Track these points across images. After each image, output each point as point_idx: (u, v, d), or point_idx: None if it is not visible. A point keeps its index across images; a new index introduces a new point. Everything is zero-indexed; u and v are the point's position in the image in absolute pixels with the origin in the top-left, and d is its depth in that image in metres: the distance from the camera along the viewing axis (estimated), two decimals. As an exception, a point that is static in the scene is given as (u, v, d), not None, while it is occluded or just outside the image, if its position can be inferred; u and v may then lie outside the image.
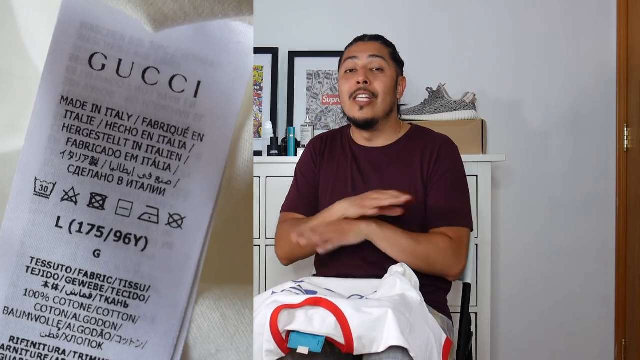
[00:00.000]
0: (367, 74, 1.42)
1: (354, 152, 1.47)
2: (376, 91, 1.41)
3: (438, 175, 1.39)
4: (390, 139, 1.46)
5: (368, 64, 1.42)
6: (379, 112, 1.42)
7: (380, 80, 1.42)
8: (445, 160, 1.41)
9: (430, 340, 1.09)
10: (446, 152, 1.42)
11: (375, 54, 1.43)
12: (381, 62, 1.43)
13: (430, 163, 1.40)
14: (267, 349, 1.06)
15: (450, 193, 1.39)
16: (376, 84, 1.41)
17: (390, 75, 1.44)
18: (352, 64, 1.44)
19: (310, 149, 1.53)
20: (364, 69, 1.42)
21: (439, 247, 1.32)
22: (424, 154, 1.42)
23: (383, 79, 1.42)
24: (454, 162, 1.42)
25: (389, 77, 1.43)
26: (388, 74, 1.43)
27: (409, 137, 1.47)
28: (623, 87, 2.10)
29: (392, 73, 1.45)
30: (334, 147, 1.50)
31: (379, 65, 1.42)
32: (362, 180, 1.42)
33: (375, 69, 1.43)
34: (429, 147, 1.43)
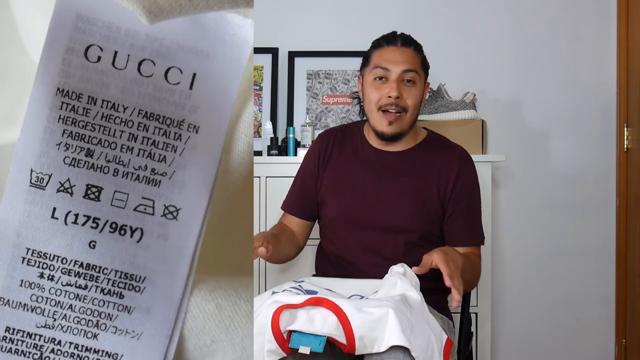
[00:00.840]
0: (400, 87, 1.35)
1: (368, 153, 1.43)
2: (407, 106, 1.36)
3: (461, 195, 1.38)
4: (407, 145, 1.43)
5: (401, 77, 1.36)
6: (405, 127, 1.39)
7: (412, 94, 1.36)
8: (468, 180, 1.40)
9: (431, 340, 1.09)
10: (468, 170, 1.42)
11: (409, 67, 1.36)
12: (414, 76, 1.37)
13: (450, 179, 1.38)
14: (269, 349, 1.06)
15: (473, 212, 1.41)
16: (408, 99, 1.36)
17: (420, 88, 1.39)
18: (383, 73, 1.37)
19: (316, 146, 1.49)
20: (397, 82, 1.35)
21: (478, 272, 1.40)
22: (442, 167, 1.40)
23: (415, 93, 1.37)
24: (475, 181, 1.43)
25: (420, 90, 1.39)
26: (419, 86, 1.38)
27: (426, 146, 1.44)
28: (623, 87, 2.10)
29: (422, 85, 1.40)
30: (344, 144, 1.46)
31: (412, 78, 1.37)
32: (374, 184, 1.40)
33: (407, 81, 1.37)
34: (447, 161, 1.41)
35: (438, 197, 1.38)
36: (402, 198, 1.38)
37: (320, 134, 1.53)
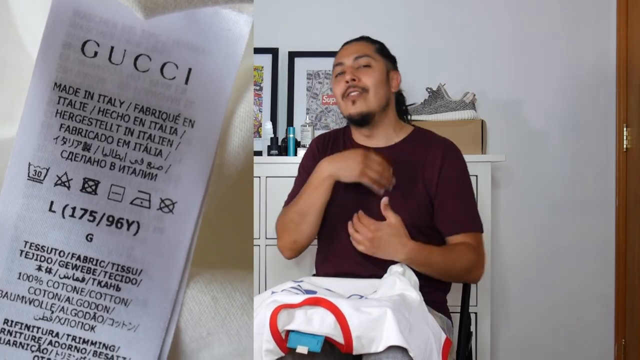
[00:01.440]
0: (354, 72, 1.42)
1: None
2: (366, 86, 1.41)
3: (447, 182, 1.39)
4: (391, 139, 1.46)
5: (354, 65, 1.43)
6: (372, 106, 1.42)
7: (369, 74, 1.42)
8: (453, 167, 1.40)
9: (430, 340, 1.09)
10: (452, 158, 1.42)
11: (360, 54, 1.43)
12: (367, 60, 1.43)
13: (434, 169, 1.39)
14: (267, 349, 1.06)
15: (463, 199, 1.40)
16: (365, 79, 1.41)
17: (378, 69, 1.43)
18: (340, 69, 1.44)
19: (313, 146, 1.54)
20: (351, 68, 1.42)
21: (467, 259, 1.35)
22: (427, 158, 1.41)
23: (372, 73, 1.42)
24: (461, 168, 1.43)
25: (378, 71, 1.43)
26: (376, 67, 1.43)
27: (411, 139, 1.46)
28: (623, 87, 2.10)
29: (381, 66, 1.45)
30: (336, 145, 1.50)
31: (366, 63, 1.43)
32: None
33: (362, 67, 1.43)
34: (433, 151, 1.42)
35: (425, 189, 1.39)
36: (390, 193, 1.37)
37: (316, 137, 1.58)
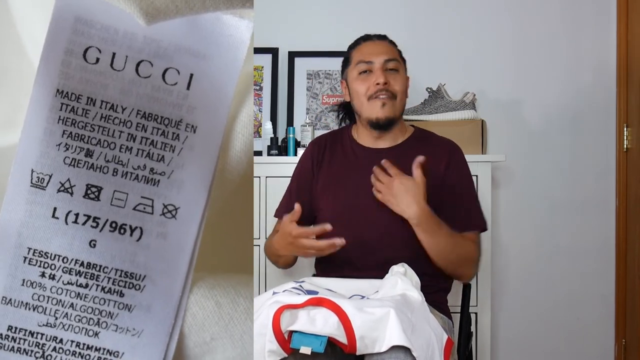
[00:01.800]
0: (386, 74, 1.41)
1: (357, 153, 1.46)
2: (395, 91, 1.42)
3: (451, 184, 1.40)
4: (395, 141, 1.46)
5: (384, 67, 1.42)
6: (397, 112, 1.44)
7: (398, 81, 1.43)
8: (458, 167, 1.42)
9: (432, 340, 1.10)
10: (457, 158, 1.43)
11: (390, 57, 1.43)
12: (396, 64, 1.44)
13: (440, 168, 1.40)
14: (270, 349, 1.06)
15: (467, 199, 1.41)
16: (395, 85, 1.42)
17: (404, 75, 1.46)
18: (367, 67, 1.43)
19: (308, 153, 1.53)
20: (382, 70, 1.41)
21: (470, 251, 1.37)
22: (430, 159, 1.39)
23: (400, 79, 1.43)
24: (465, 168, 1.44)
25: (403, 77, 1.46)
26: (402, 74, 1.45)
27: (414, 140, 1.47)
28: (623, 87, 2.10)
29: (404, 73, 1.47)
30: (335, 148, 1.50)
31: (395, 67, 1.43)
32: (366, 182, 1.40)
33: (391, 70, 1.43)
34: (438, 151, 1.43)
35: (429, 188, 1.38)
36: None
37: (311, 142, 1.58)
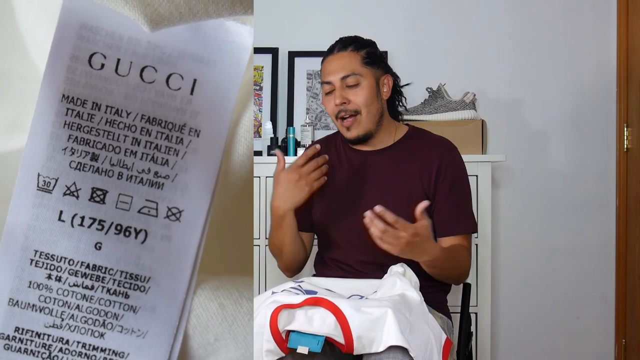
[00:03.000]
0: (343, 93, 1.38)
1: (349, 156, 1.45)
2: (357, 107, 1.38)
3: (445, 183, 1.39)
4: (386, 141, 1.44)
5: (342, 85, 1.38)
6: (367, 126, 1.40)
7: (359, 95, 1.37)
8: (450, 167, 1.40)
9: (430, 340, 1.10)
10: (450, 158, 1.41)
11: (347, 72, 1.38)
12: (355, 79, 1.38)
13: (432, 169, 1.39)
14: (267, 349, 1.06)
15: (459, 200, 1.40)
16: (355, 99, 1.38)
17: (368, 85, 1.39)
18: (328, 87, 1.41)
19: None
20: (340, 89, 1.38)
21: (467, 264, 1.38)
22: (424, 159, 1.40)
23: (361, 92, 1.38)
24: (459, 168, 1.42)
25: (367, 88, 1.39)
26: (365, 84, 1.38)
27: (407, 139, 1.45)
28: (623, 87, 2.10)
29: (370, 81, 1.40)
30: (329, 152, 1.48)
31: (354, 82, 1.38)
32: (359, 184, 1.41)
33: (350, 86, 1.38)
34: (429, 150, 1.41)
35: (423, 189, 1.38)
36: (387, 194, 1.38)
37: (306, 148, 1.58)
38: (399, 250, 1.21)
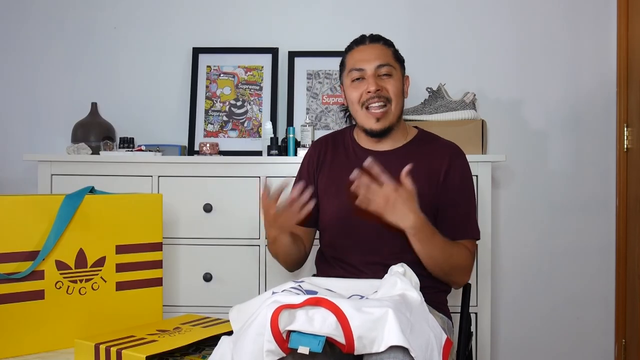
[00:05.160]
0: (378, 80, 1.39)
1: (358, 155, 1.45)
2: (389, 96, 1.40)
3: (453, 190, 1.39)
4: (397, 143, 1.45)
5: (376, 73, 1.40)
6: (393, 119, 1.42)
7: (391, 84, 1.40)
8: (458, 174, 1.41)
9: (431, 340, 1.09)
10: (458, 164, 1.42)
11: (382, 62, 1.40)
12: (389, 69, 1.41)
13: (440, 174, 1.39)
14: (268, 349, 1.06)
15: (466, 206, 1.41)
16: (389, 88, 1.40)
17: (398, 78, 1.43)
18: (359, 74, 1.41)
19: (310, 154, 1.52)
20: (373, 77, 1.39)
21: (464, 259, 1.37)
22: (432, 163, 1.40)
23: (394, 83, 1.41)
24: (466, 175, 1.43)
25: (398, 80, 1.43)
26: (396, 77, 1.42)
27: (416, 143, 1.45)
28: (623, 87, 2.10)
29: (399, 75, 1.44)
30: (336, 150, 1.48)
31: (388, 72, 1.40)
32: None
33: (383, 75, 1.40)
34: (438, 155, 1.42)
35: (430, 193, 1.39)
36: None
37: (313, 143, 1.57)
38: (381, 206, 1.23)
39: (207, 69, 2.18)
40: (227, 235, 1.88)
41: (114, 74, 2.24)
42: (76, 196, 1.45)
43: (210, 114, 2.16)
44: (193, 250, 1.89)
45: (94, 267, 1.47)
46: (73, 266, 1.44)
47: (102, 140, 2.05)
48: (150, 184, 1.89)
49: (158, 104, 2.22)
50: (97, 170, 1.90)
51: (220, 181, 1.89)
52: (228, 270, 1.88)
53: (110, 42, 2.24)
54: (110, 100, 2.22)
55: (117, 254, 1.50)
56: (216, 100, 2.16)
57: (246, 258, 1.88)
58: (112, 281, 1.49)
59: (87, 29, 2.24)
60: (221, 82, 2.17)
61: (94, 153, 2.00)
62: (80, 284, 1.45)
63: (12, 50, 2.26)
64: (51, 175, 1.91)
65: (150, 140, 2.14)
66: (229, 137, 2.14)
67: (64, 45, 2.25)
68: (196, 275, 1.89)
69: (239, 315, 1.22)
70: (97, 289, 1.47)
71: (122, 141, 2.05)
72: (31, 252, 1.39)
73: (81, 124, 2.11)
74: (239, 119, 2.15)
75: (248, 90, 2.16)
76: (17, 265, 1.37)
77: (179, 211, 1.87)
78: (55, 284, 1.42)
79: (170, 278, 1.86)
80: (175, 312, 1.83)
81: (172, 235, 1.87)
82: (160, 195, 1.59)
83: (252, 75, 2.17)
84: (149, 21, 2.23)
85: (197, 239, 1.89)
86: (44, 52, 2.25)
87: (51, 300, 1.41)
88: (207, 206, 1.88)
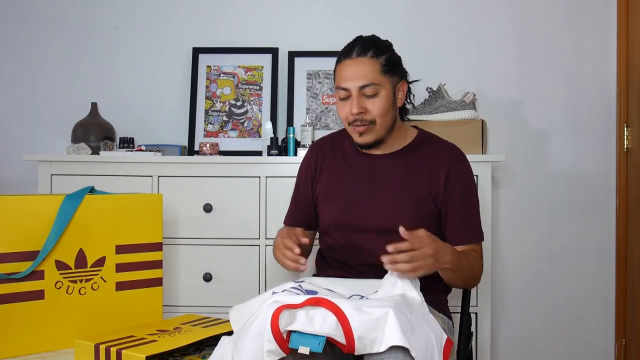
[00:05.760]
0: (361, 102, 1.33)
1: (358, 158, 1.44)
2: (373, 118, 1.35)
3: (455, 194, 1.38)
4: (396, 146, 1.43)
5: (360, 93, 1.34)
6: (380, 134, 1.37)
7: (376, 105, 1.34)
8: (459, 178, 1.39)
9: (431, 340, 1.09)
10: (458, 167, 1.40)
11: (366, 82, 1.33)
12: (373, 89, 1.33)
13: (440, 178, 1.37)
14: (268, 349, 1.05)
15: (470, 211, 1.40)
16: (372, 110, 1.34)
17: (385, 95, 1.35)
18: (344, 94, 1.36)
19: (309, 157, 1.51)
20: (357, 98, 1.33)
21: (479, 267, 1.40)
22: (432, 166, 1.39)
23: (378, 102, 1.34)
24: (467, 178, 1.41)
25: (385, 98, 1.35)
26: (383, 95, 1.34)
27: (416, 146, 1.43)
28: (623, 87, 2.10)
29: (388, 90, 1.36)
30: (335, 152, 1.47)
31: (372, 92, 1.34)
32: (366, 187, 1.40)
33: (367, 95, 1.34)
34: (438, 157, 1.40)
35: (431, 196, 1.38)
36: (393, 199, 1.37)
37: (311, 145, 1.55)
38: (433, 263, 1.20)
39: (207, 69, 2.18)
40: (227, 235, 1.88)
41: (113, 74, 2.24)
42: (76, 196, 1.45)
43: (210, 114, 2.16)
44: (193, 250, 1.89)
45: (94, 267, 1.47)
46: (73, 266, 1.44)
47: (102, 140, 2.05)
48: (150, 184, 1.89)
49: (158, 104, 2.22)
50: (97, 170, 1.90)
51: (220, 181, 1.89)
52: (228, 270, 1.88)
53: (110, 42, 2.24)
54: (110, 100, 2.22)
55: (117, 254, 1.50)
56: (216, 100, 2.16)
57: (246, 258, 1.88)
58: (112, 281, 1.49)
59: (87, 29, 2.24)
60: (221, 82, 2.17)
61: (94, 153, 2.00)
62: (80, 284, 1.45)
63: (12, 50, 2.26)
64: (51, 175, 1.91)
65: (150, 140, 2.14)
66: (229, 137, 2.14)
67: (64, 45, 2.25)
68: (196, 275, 1.88)
69: (239, 315, 1.22)
70: (97, 289, 1.47)
71: (122, 141, 2.05)
72: (31, 252, 1.39)
73: (81, 124, 2.11)
74: (239, 119, 2.15)
75: (248, 90, 2.16)
76: (17, 265, 1.37)
77: (179, 211, 1.87)
78: (55, 284, 1.42)
79: (170, 278, 1.86)
80: (175, 312, 1.83)
81: (172, 235, 1.87)
82: (160, 195, 1.59)
83: (252, 75, 2.17)
84: (149, 21, 2.23)
85: (197, 239, 1.89)
86: (44, 52, 2.25)
87: (51, 300, 1.41)
88: (207, 206, 1.88)
